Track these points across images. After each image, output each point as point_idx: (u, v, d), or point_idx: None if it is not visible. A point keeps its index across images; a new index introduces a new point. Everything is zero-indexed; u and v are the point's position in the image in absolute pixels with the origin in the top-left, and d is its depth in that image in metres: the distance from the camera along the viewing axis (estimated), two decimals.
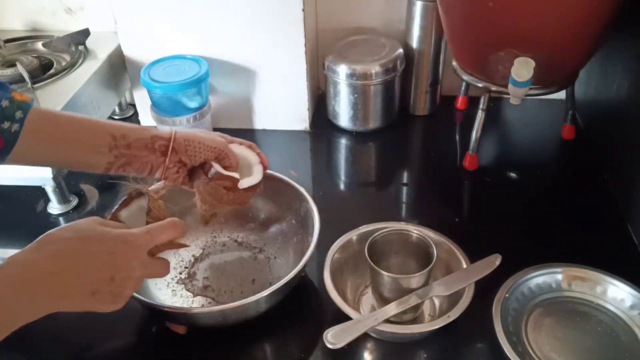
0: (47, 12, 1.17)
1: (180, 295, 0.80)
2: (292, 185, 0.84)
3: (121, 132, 0.66)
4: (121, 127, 0.66)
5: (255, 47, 1.05)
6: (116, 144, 0.65)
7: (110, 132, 0.65)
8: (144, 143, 0.66)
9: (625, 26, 0.88)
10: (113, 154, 0.65)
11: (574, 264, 0.75)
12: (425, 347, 0.73)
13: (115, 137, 0.65)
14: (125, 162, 0.66)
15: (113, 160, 0.65)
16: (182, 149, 0.68)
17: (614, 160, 0.96)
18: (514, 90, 0.86)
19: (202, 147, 0.69)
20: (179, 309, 0.74)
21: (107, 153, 0.65)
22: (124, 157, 0.66)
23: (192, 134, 0.69)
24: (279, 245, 0.86)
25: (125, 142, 0.65)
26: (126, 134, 0.66)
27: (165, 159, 0.68)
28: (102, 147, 0.64)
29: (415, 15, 1.06)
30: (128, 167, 0.67)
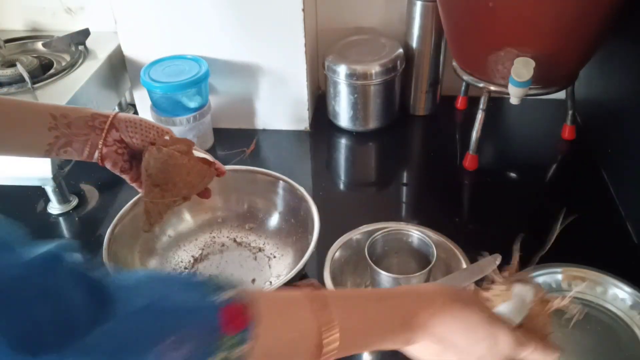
0: (47, 12, 1.17)
1: None
2: (292, 185, 0.84)
3: (61, 111, 0.64)
4: (61, 107, 0.65)
5: (255, 47, 1.05)
6: (56, 123, 0.63)
7: (50, 112, 0.63)
8: (84, 120, 0.65)
9: (625, 26, 0.88)
10: (53, 134, 0.63)
11: (574, 263, 0.74)
12: None
13: (55, 116, 0.63)
14: (66, 142, 0.64)
15: (53, 140, 0.64)
16: (123, 127, 0.66)
17: (614, 160, 0.96)
18: (514, 90, 0.86)
19: (143, 125, 0.67)
20: None
21: (47, 133, 0.63)
22: (64, 137, 0.64)
23: (135, 116, 0.68)
24: (279, 245, 0.86)
25: (65, 120, 0.64)
26: (66, 113, 0.64)
27: (105, 137, 0.66)
28: (42, 127, 0.63)
29: (415, 15, 1.06)
30: (69, 148, 0.65)
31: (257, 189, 0.87)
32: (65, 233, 0.93)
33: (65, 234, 0.93)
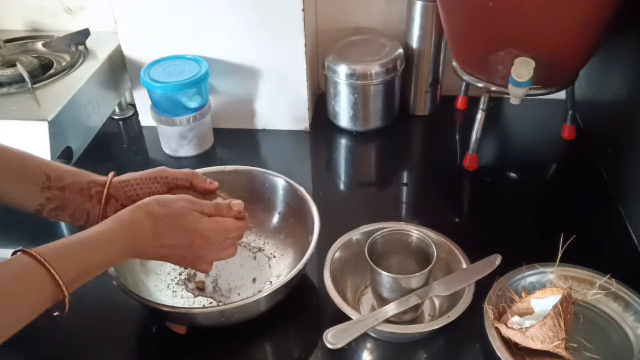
0: (47, 12, 1.17)
1: (180, 297, 0.80)
2: (292, 184, 0.84)
3: (57, 172, 0.63)
4: (57, 168, 0.63)
5: (255, 47, 1.05)
6: (50, 185, 0.62)
7: (45, 171, 0.62)
8: (79, 187, 0.63)
9: (625, 26, 0.88)
10: (45, 195, 0.62)
11: (569, 263, 0.74)
12: (425, 347, 0.73)
13: (49, 177, 0.62)
14: (59, 206, 0.63)
15: (44, 202, 0.62)
16: (121, 194, 0.65)
17: (614, 160, 0.96)
18: (514, 90, 0.86)
19: (142, 182, 0.66)
20: (179, 309, 0.74)
21: (39, 192, 0.61)
22: (57, 200, 0.63)
23: (130, 175, 0.67)
24: (278, 245, 0.86)
25: (60, 184, 0.62)
26: (62, 176, 0.63)
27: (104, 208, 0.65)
28: (35, 186, 0.61)
29: (415, 15, 1.06)
30: (61, 213, 0.64)
31: (257, 188, 0.87)
32: (65, 233, 0.93)
33: (65, 234, 0.93)
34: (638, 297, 0.71)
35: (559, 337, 0.64)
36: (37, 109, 0.92)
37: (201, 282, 0.82)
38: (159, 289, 0.80)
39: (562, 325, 0.64)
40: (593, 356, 0.68)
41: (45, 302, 0.51)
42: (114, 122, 1.19)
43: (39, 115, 0.89)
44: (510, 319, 0.68)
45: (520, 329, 0.66)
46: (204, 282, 0.82)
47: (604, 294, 0.72)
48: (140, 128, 1.17)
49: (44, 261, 0.50)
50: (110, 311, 0.78)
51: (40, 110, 0.91)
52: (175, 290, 0.81)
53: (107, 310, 0.78)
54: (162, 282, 0.82)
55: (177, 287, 0.81)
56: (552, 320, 0.64)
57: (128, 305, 0.78)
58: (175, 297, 0.80)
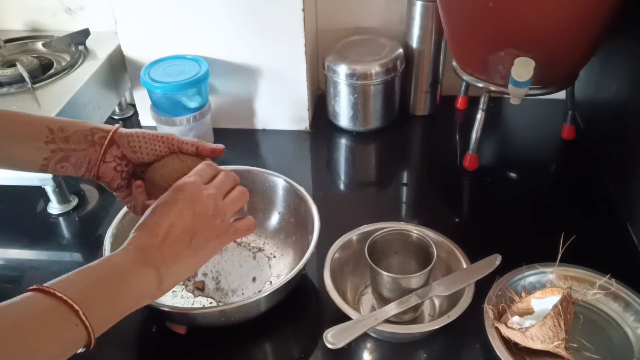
0: (47, 12, 1.17)
1: (180, 297, 0.80)
2: (292, 184, 0.84)
3: (59, 124, 0.62)
4: (59, 120, 0.63)
5: (255, 47, 1.05)
6: (53, 137, 0.61)
7: (47, 125, 0.61)
8: (83, 135, 0.63)
9: (625, 26, 0.88)
10: (50, 148, 0.61)
11: (569, 263, 0.74)
12: (425, 347, 0.73)
13: (52, 129, 0.61)
14: (63, 157, 0.62)
15: (49, 155, 0.61)
16: (124, 142, 0.64)
17: (614, 160, 0.96)
18: (514, 90, 0.86)
19: (147, 138, 0.64)
20: (179, 309, 0.74)
21: (43, 147, 0.61)
22: (61, 152, 0.62)
23: (138, 130, 0.65)
24: (278, 245, 0.86)
25: (63, 134, 0.61)
26: (64, 127, 0.62)
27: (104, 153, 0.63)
28: (38, 141, 0.61)
29: (415, 15, 1.06)
30: (66, 163, 0.63)
31: (257, 188, 0.87)
32: (65, 233, 0.93)
33: (65, 234, 0.93)
34: (638, 297, 0.71)
35: (559, 337, 0.64)
36: (37, 109, 0.92)
37: (201, 282, 0.82)
38: None
39: (562, 325, 0.64)
40: (593, 356, 0.68)
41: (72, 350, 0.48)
42: (114, 122, 1.19)
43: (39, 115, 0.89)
44: (510, 319, 0.68)
45: (520, 329, 0.66)
46: (204, 282, 0.82)
47: (604, 294, 0.72)
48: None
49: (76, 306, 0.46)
50: None
51: (40, 110, 0.91)
52: (175, 290, 0.81)
53: None
54: None
55: (177, 287, 0.81)
56: (552, 320, 0.64)
57: None
58: (175, 297, 0.80)
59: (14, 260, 0.90)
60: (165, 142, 0.65)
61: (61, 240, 0.92)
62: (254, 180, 0.87)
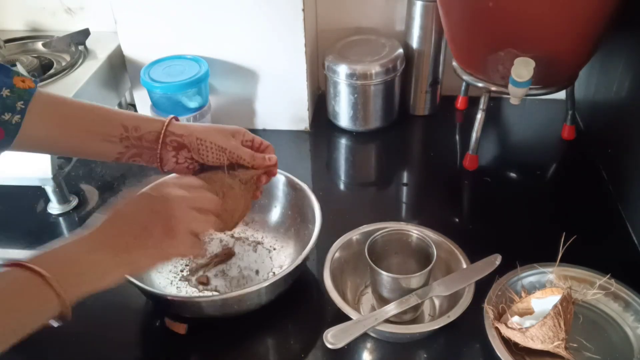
0: (47, 12, 1.17)
1: (185, 292, 0.81)
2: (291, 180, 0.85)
3: (134, 123, 0.65)
4: (134, 118, 0.66)
5: (255, 47, 1.05)
6: (127, 135, 0.64)
7: (122, 122, 0.64)
8: (156, 136, 0.65)
9: (626, 26, 0.88)
10: (124, 144, 0.64)
11: (569, 263, 0.74)
12: (425, 347, 0.73)
13: (127, 127, 0.64)
14: (136, 153, 0.66)
15: (124, 150, 0.65)
16: (195, 148, 0.67)
17: (614, 160, 0.96)
18: (514, 90, 0.86)
19: (213, 147, 0.67)
20: (181, 298, 0.75)
21: (118, 143, 0.64)
22: (134, 148, 0.65)
23: (206, 132, 0.68)
24: (278, 237, 0.87)
25: (137, 133, 0.65)
26: (138, 126, 0.65)
27: (176, 154, 0.67)
28: (113, 137, 0.64)
29: (415, 15, 1.06)
30: (138, 158, 0.66)
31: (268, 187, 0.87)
32: (65, 233, 0.93)
33: (65, 234, 0.93)
34: (638, 297, 0.71)
35: (559, 337, 0.64)
36: None
37: (204, 276, 0.82)
38: (162, 285, 0.81)
39: (562, 325, 0.64)
40: (593, 356, 0.68)
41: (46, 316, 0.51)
42: None
43: None
44: (510, 319, 0.68)
45: (520, 329, 0.66)
46: (207, 277, 0.82)
47: (603, 294, 0.72)
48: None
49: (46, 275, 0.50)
50: (110, 310, 0.78)
51: None
52: (179, 287, 0.81)
53: (107, 308, 0.78)
54: (164, 279, 0.82)
55: (181, 284, 0.82)
56: (552, 320, 0.64)
57: (129, 303, 0.78)
58: (180, 293, 0.81)
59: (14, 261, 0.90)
60: (228, 155, 0.68)
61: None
62: None
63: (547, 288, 0.72)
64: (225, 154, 0.68)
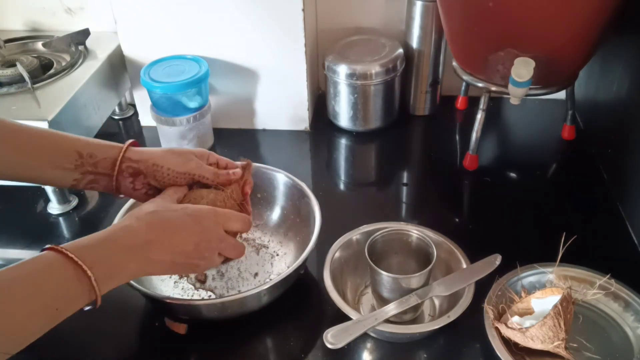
0: (47, 12, 1.17)
1: (181, 288, 0.81)
2: (294, 181, 0.85)
3: (88, 149, 0.64)
4: (88, 144, 0.65)
5: (255, 47, 1.05)
6: (82, 162, 0.64)
7: (77, 149, 0.64)
8: (111, 161, 0.65)
9: (625, 26, 0.88)
10: (79, 171, 0.64)
11: (569, 263, 0.74)
12: (425, 347, 0.73)
13: (81, 154, 0.64)
14: (92, 180, 0.65)
15: (79, 177, 0.64)
16: (151, 174, 0.67)
17: (614, 160, 0.96)
18: (514, 90, 0.86)
19: (171, 173, 0.67)
20: (180, 301, 0.75)
21: (72, 170, 0.64)
22: (90, 175, 0.65)
23: (163, 158, 0.67)
24: (283, 242, 0.86)
25: (92, 160, 0.64)
26: (93, 152, 0.64)
27: (133, 180, 0.67)
28: (68, 164, 0.63)
29: (415, 15, 1.06)
30: (95, 185, 0.66)
31: (263, 186, 0.87)
32: (65, 233, 0.93)
33: (65, 234, 0.93)
34: (638, 297, 0.71)
35: (559, 337, 0.64)
36: (37, 109, 0.92)
37: (202, 274, 0.82)
38: (161, 278, 0.82)
39: (562, 325, 0.64)
40: (593, 356, 0.68)
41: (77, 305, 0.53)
42: (114, 122, 1.19)
43: (39, 115, 0.89)
44: (510, 319, 0.68)
45: (520, 329, 0.66)
46: (206, 275, 0.82)
47: (603, 294, 0.72)
48: (140, 128, 1.17)
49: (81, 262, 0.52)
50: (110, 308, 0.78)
51: (40, 110, 0.91)
52: (177, 280, 0.82)
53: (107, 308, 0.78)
54: None
55: (179, 279, 0.82)
56: (552, 320, 0.64)
57: (129, 303, 0.78)
58: (177, 288, 0.81)
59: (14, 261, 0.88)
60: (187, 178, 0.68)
61: (61, 240, 0.92)
62: (261, 177, 0.87)
63: (547, 288, 0.72)
64: (185, 178, 0.68)
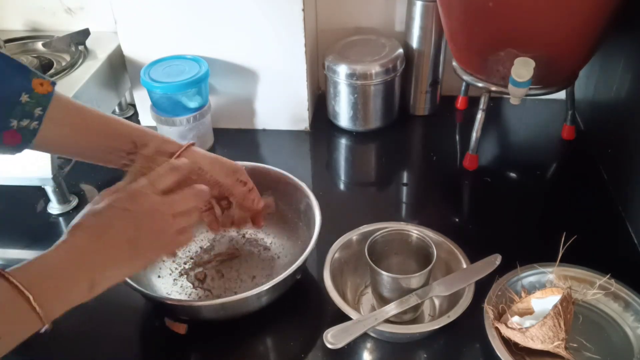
0: (47, 12, 1.17)
1: (180, 285, 0.81)
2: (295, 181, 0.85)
3: (144, 140, 0.66)
4: (145, 134, 0.67)
5: (255, 47, 1.05)
6: (135, 151, 0.66)
7: (132, 139, 0.66)
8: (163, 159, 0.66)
9: (625, 26, 0.88)
10: (130, 158, 0.66)
11: (569, 263, 0.74)
12: (425, 347, 0.73)
13: (136, 144, 0.66)
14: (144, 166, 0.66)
15: (130, 163, 0.66)
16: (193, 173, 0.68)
17: (614, 160, 0.96)
18: (514, 90, 0.86)
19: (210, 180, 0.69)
20: (180, 302, 0.75)
21: (125, 156, 0.66)
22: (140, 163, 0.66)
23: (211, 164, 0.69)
24: (285, 246, 0.86)
25: (144, 151, 0.66)
26: (147, 143, 0.66)
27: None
28: (121, 152, 0.66)
29: (415, 15, 1.06)
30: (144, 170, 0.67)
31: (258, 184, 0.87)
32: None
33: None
34: (638, 297, 0.71)
35: (559, 337, 0.64)
36: None
37: (202, 273, 0.82)
38: (162, 276, 0.82)
39: (562, 325, 0.64)
40: (593, 356, 0.68)
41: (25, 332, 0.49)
42: None
43: None
44: (510, 319, 0.68)
45: (520, 329, 0.66)
46: (205, 274, 0.82)
47: (603, 294, 0.72)
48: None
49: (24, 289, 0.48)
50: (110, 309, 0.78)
51: None
52: (176, 278, 0.82)
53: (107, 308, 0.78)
54: (165, 269, 0.83)
55: (179, 277, 0.82)
56: (552, 320, 0.64)
57: (129, 303, 0.78)
58: (175, 286, 0.81)
59: (14, 261, 0.89)
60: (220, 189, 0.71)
61: None
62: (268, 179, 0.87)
63: (547, 288, 0.72)
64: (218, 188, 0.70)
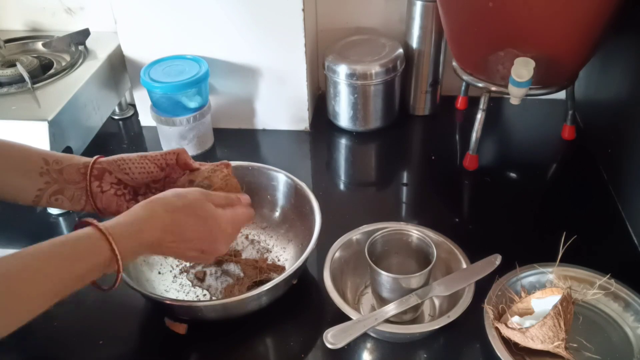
0: (47, 12, 1.17)
1: (179, 283, 0.81)
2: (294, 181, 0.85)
3: (54, 157, 0.64)
4: (55, 154, 0.65)
5: (255, 48, 1.05)
6: (48, 169, 0.63)
7: (43, 156, 0.63)
8: (76, 168, 0.65)
9: (625, 26, 0.88)
10: (44, 180, 0.63)
11: (569, 263, 0.74)
12: (425, 347, 0.73)
13: (47, 161, 0.63)
14: (57, 190, 0.64)
15: (43, 186, 0.63)
16: (116, 168, 0.66)
17: (614, 160, 0.96)
18: (514, 90, 0.86)
19: (139, 161, 0.67)
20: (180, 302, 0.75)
21: (37, 178, 0.63)
22: (55, 184, 0.64)
23: (129, 155, 0.68)
24: (286, 248, 0.86)
25: (57, 167, 0.64)
26: (59, 159, 0.64)
27: (100, 183, 0.66)
28: (33, 172, 0.62)
29: (415, 15, 1.06)
30: (60, 196, 0.65)
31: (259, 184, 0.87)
32: (65, 233, 0.93)
33: (65, 234, 0.93)
34: (638, 297, 0.71)
35: (559, 337, 0.64)
36: (37, 109, 0.92)
37: (202, 272, 0.82)
38: (162, 273, 0.82)
39: (562, 325, 0.64)
40: (593, 356, 0.68)
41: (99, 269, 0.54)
42: (114, 122, 1.19)
43: (39, 115, 0.89)
44: (510, 319, 0.68)
45: (520, 329, 0.66)
46: (205, 273, 0.82)
47: (603, 294, 0.72)
48: (140, 128, 1.17)
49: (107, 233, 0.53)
50: (111, 309, 0.78)
51: (40, 110, 0.91)
52: (176, 275, 0.82)
53: (107, 308, 0.78)
54: (166, 266, 0.83)
55: (179, 274, 0.82)
56: (552, 320, 0.64)
57: (129, 303, 0.78)
58: (174, 283, 0.81)
59: None
60: (152, 160, 0.69)
61: None
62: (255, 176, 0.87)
63: (547, 288, 0.72)
64: (148, 159, 0.68)
